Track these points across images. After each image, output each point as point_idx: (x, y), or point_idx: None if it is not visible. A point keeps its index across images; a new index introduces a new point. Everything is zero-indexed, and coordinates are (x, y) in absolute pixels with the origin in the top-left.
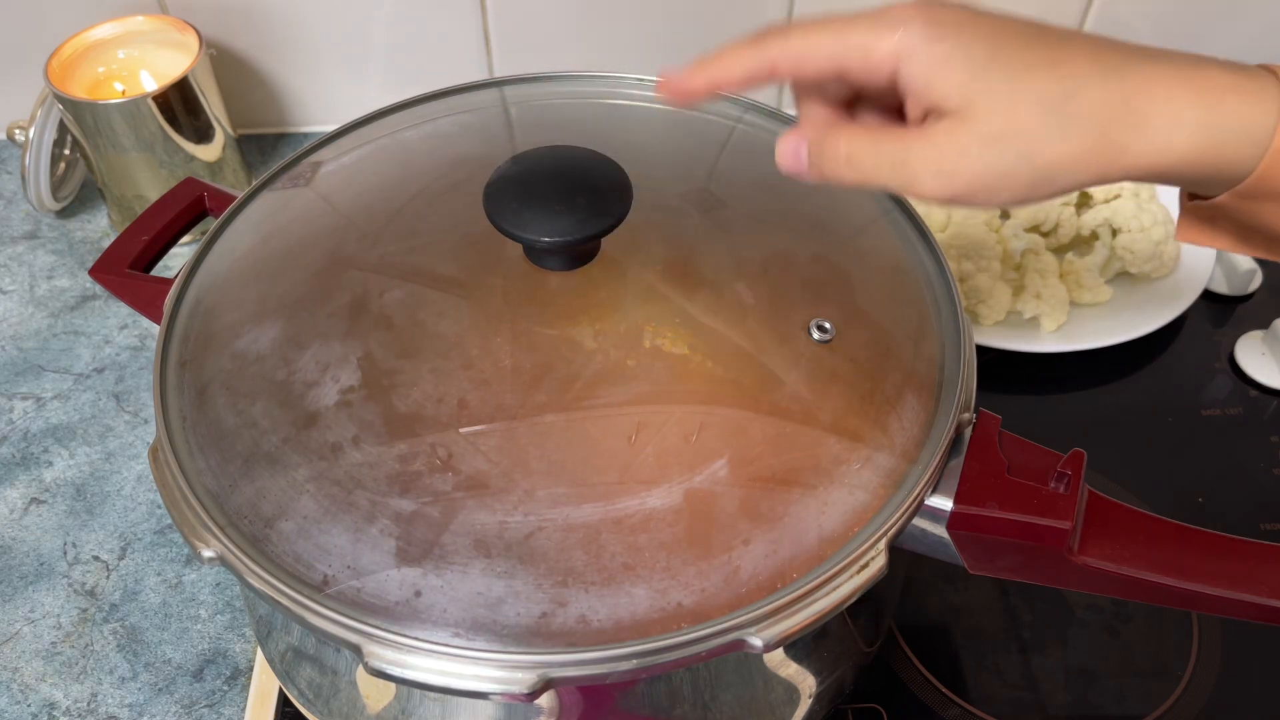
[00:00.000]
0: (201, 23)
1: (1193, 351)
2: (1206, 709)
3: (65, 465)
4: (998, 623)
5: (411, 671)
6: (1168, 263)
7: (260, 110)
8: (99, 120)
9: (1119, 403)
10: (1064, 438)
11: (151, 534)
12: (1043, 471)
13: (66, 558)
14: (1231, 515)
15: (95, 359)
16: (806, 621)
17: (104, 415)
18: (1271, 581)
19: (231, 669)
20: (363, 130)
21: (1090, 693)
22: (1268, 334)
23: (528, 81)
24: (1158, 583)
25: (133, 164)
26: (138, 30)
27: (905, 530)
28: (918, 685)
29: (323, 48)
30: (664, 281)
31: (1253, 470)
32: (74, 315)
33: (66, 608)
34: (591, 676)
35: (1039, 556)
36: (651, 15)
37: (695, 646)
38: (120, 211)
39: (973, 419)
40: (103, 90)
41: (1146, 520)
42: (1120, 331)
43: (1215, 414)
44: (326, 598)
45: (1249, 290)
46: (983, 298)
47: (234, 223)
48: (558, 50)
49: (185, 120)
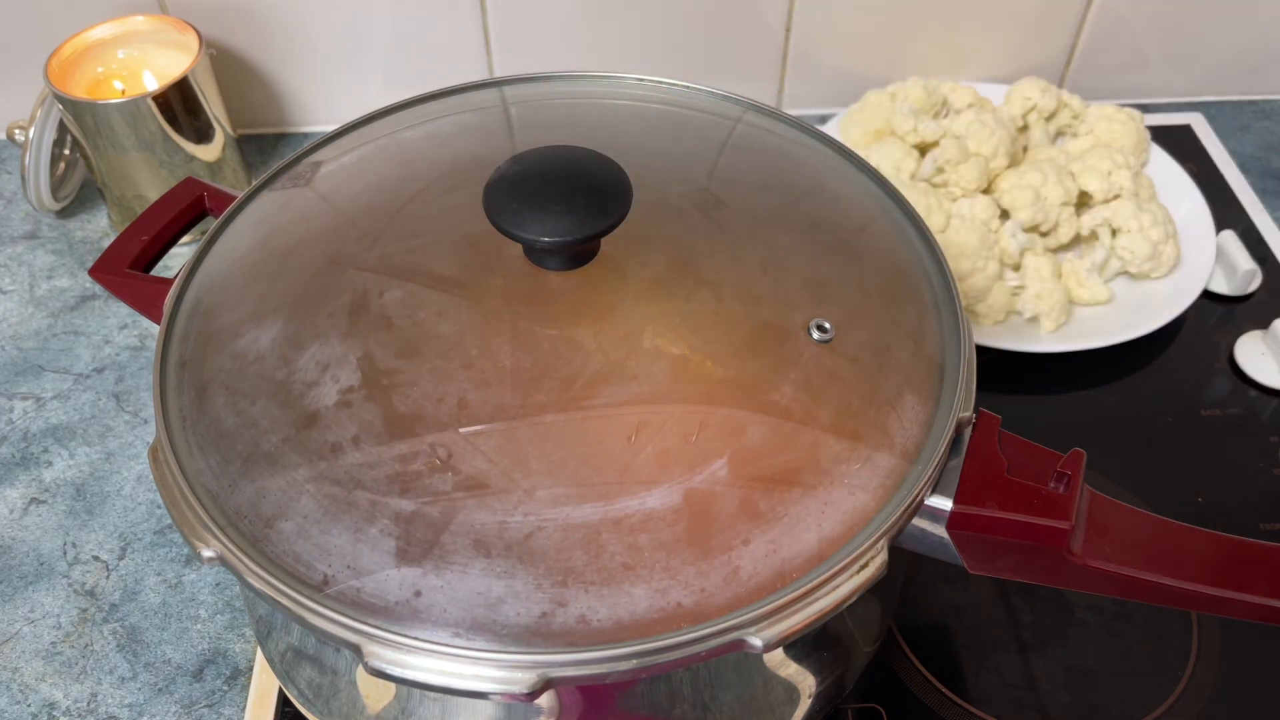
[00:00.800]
0: (201, 23)
1: (1192, 351)
2: (1206, 709)
3: (65, 465)
4: (998, 623)
5: (411, 671)
6: (1167, 263)
7: (260, 110)
8: (99, 120)
9: (1119, 403)
10: (1064, 438)
11: (151, 534)
12: (1042, 471)
13: (66, 558)
14: (1231, 515)
15: (95, 359)
16: (806, 621)
17: (104, 415)
18: (1272, 581)
19: (231, 669)
20: (363, 130)
21: (1090, 693)
22: (1268, 334)
23: (528, 81)
24: (1158, 583)
25: (133, 164)
26: (137, 30)
27: (905, 530)
28: (917, 685)
29: (323, 48)
30: (664, 281)
31: (1252, 470)
32: (74, 315)
33: (66, 608)
34: (591, 676)
35: (1039, 557)
36: (651, 15)
37: (695, 646)
38: (120, 211)
39: (972, 419)
40: (103, 90)
41: (1146, 520)
42: (1120, 331)
43: (1215, 414)
44: (326, 598)
45: (1249, 290)
46: (982, 297)
47: (234, 223)
48: (558, 50)
49: (185, 120)
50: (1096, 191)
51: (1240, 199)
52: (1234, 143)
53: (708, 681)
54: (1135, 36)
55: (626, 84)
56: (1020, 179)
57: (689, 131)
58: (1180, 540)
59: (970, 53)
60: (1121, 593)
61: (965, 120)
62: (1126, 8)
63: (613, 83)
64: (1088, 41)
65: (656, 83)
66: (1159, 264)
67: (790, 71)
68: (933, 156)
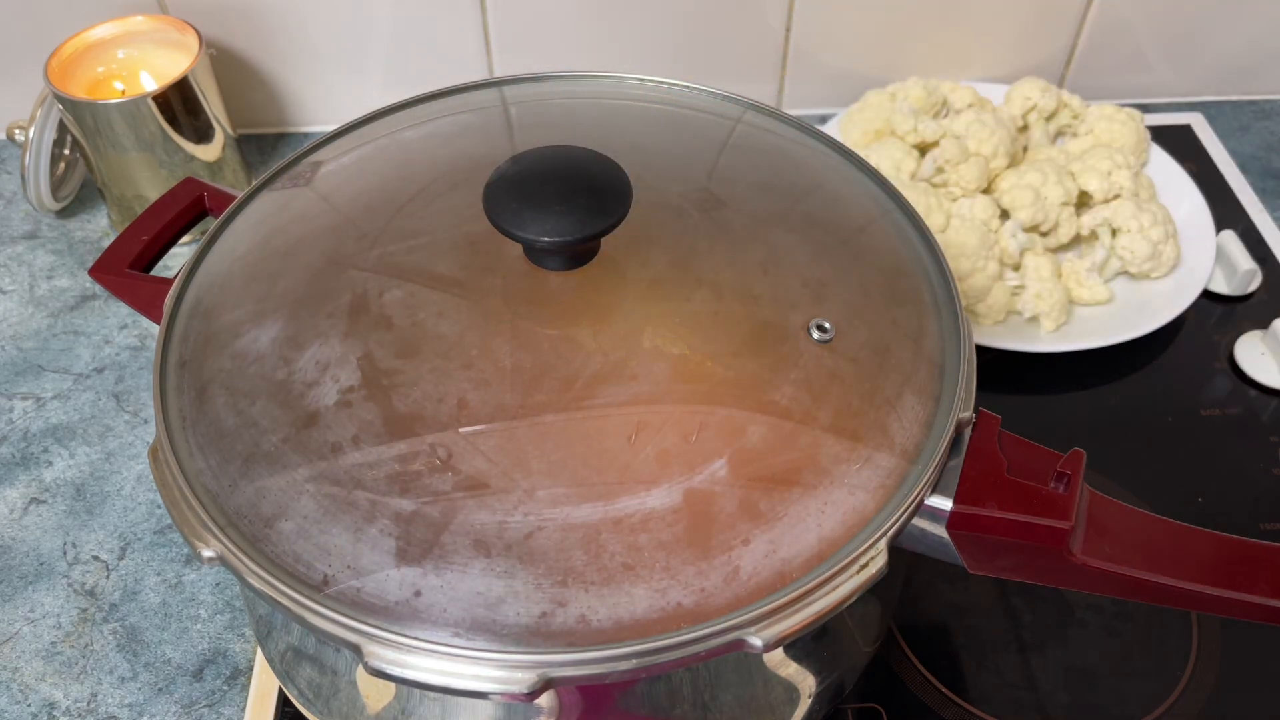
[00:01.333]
0: (201, 23)
1: (1192, 351)
2: (1206, 709)
3: (65, 465)
4: (998, 623)
5: (411, 671)
6: (1167, 263)
7: (260, 110)
8: (99, 120)
9: (1118, 403)
10: (1063, 438)
11: (151, 534)
12: (1042, 471)
13: (66, 558)
14: (1231, 515)
15: (95, 359)
16: (806, 621)
17: (104, 415)
18: (1272, 581)
19: (231, 669)
20: (363, 130)
21: (1090, 693)
22: (1267, 334)
23: (528, 81)
24: (1158, 583)
25: (133, 164)
26: (137, 30)
27: (905, 530)
28: (917, 685)
29: (323, 48)
30: (664, 282)
31: (1252, 470)
32: (74, 315)
33: (66, 608)
34: (591, 676)
35: (1039, 557)
36: (651, 15)
37: (695, 646)
38: (120, 211)
39: (972, 419)
40: (103, 90)
41: (1146, 520)
42: (1120, 331)
43: (1215, 414)
44: (326, 598)
45: (1249, 290)
46: (982, 297)
47: (234, 222)
48: (558, 49)
49: (185, 120)
50: (1096, 191)
51: (1240, 199)
52: (1234, 143)
53: (708, 681)
54: (1135, 36)
55: (626, 84)
56: (1020, 179)
57: (689, 132)
58: (1180, 540)
59: (970, 53)
60: (1121, 593)
61: (965, 120)
62: (1126, 8)
63: (613, 83)
64: (1088, 41)
65: (657, 83)
66: (1159, 264)
67: (790, 71)
68: (933, 156)
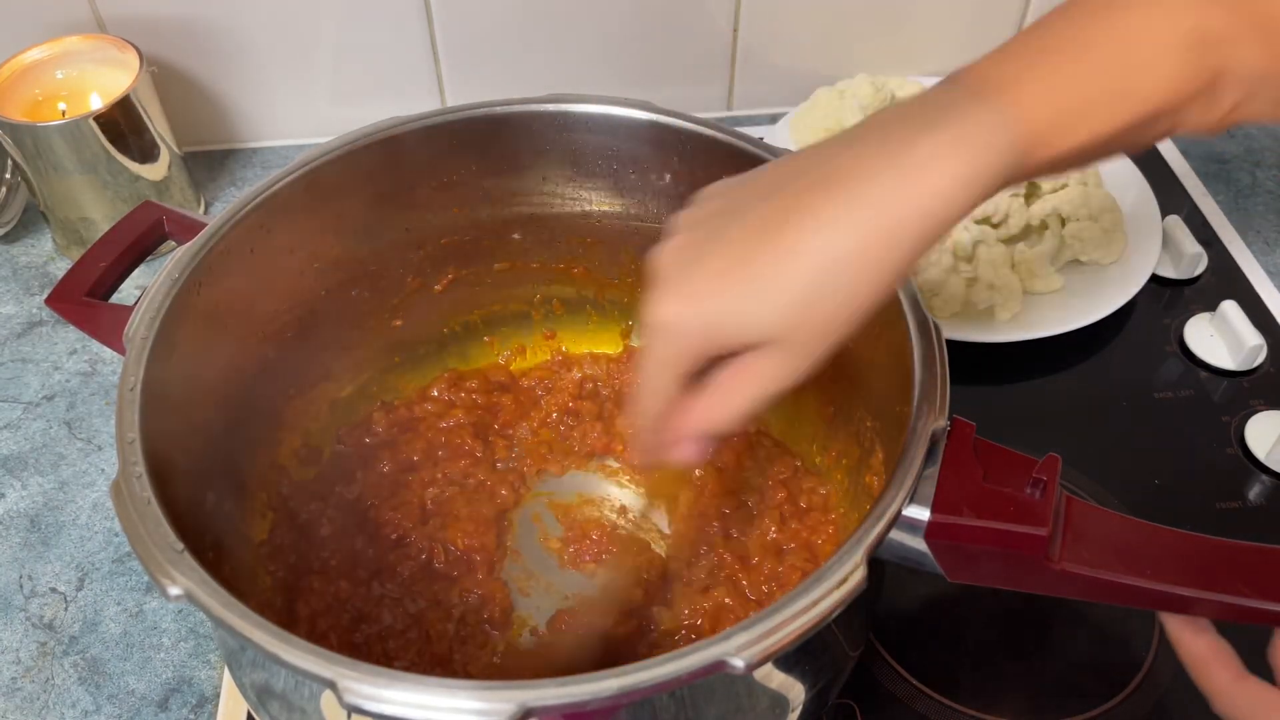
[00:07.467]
0: (142, 40)
1: (1144, 336)
2: (1165, 697)
3: (18, 496)
4: (968, 616)
5: (388, 706)
6: (1116, 249)
7: (206, 127)
8: (39, 142)
9: (1074, 388)
10: (1021, 425)
11: (110, 563)
12: (1018, 477)
13: (23, 591)
14: (1186, 495)
15: (44, 386)
16: (787, 640)
17: (56, 444)
18: (1249, 581)
19: (197, 697)
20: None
21: (1059, 681)
22: (1215, 316)
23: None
24: (1137, 586)
25: (76, 186)
26: (74, 50)
27: (883, 542)
28: (889, 679)
29: (267, 62)
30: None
31: (1206, 450)
32: (20, 342)
33: (25, 642)
34: (572, 705)
35: (1018, 563)
36: (599, 19)
37: (677, 670)
38: (65, 235)
39: (947, 426)
40: (45, 112)
41: (1124, 523)
42: (1073, 318)
43: (1168, 397)
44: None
45: (1196, 273)
46: (937, 291)
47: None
48: (506, 56)
49: (129, 140)
50: (1044, 181)
51: (1184, 183)
52: None
53: (691, 701)
54: None
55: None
56: None
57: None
58: (1158, 542)
59: (917, 49)
60: (1102, 597)
61: None
62: None
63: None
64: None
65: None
66: (1108, 250)
67: (739, 72)
68: None
